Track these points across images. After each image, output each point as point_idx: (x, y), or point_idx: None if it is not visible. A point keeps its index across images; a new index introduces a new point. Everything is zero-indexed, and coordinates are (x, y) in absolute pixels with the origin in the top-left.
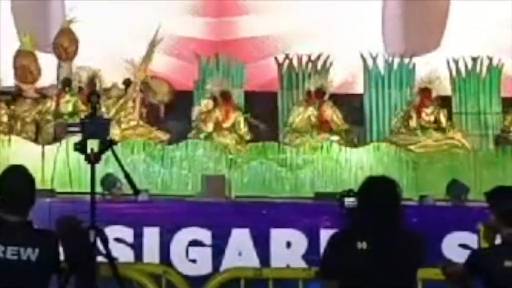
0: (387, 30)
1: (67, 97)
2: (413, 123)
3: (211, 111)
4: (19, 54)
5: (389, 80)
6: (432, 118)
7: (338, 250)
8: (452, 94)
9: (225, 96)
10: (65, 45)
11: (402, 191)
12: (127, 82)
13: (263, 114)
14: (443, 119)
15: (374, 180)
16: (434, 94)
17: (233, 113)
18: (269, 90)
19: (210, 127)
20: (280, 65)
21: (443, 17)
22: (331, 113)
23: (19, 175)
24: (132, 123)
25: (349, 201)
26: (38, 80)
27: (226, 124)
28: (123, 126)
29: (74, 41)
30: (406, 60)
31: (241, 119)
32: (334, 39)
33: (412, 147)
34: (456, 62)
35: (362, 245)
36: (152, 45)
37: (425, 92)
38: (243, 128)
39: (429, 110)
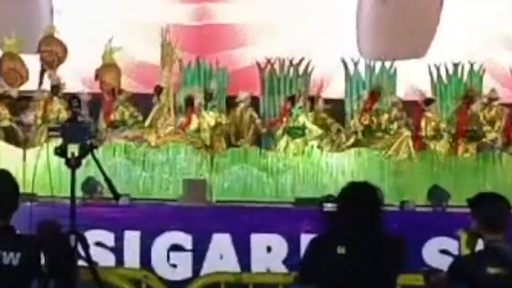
0: (361, 33)
1: (56, 104)
2: (351, 125)
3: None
4: (4, 57)
5: (370, 85)
6: (374, 120)
7: (317, 255)
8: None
9: (190, 102)
10: (59, 54)
11: (384, 196)
12: (159, 89)
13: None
14: (384, 122)
15: (356, 186)
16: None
17: (196, 119)
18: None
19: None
20: (261, 70)
21: (430, 23)
22: (302, 119)
23: (2, 179)
24: (169, 128)
25: (329, 206)
26: (26, 82)
27: (188, 129)
28: (160, 132)
29: (65, 48)
30: (388, 65)
31: (206, 125)
32: (316, 45)
33: None
34: (437, 67)
35: (342, 250)
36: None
37: (371, 95)
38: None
39: (368, 114)
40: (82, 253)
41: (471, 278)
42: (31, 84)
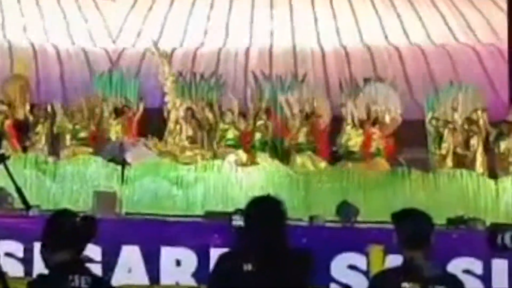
0: None
1: None
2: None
3: None
4: None
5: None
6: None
7: (225, 272)
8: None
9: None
10: None
11: (287, 210)
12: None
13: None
14: None
15: (259, 200)
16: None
17: None
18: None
19: None
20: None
21: None
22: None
23: None
24: (181, 144)
25: (237, 220)
26: None
27: None
28: (169, 147)
29: None
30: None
31: None
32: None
33: None
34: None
35: (248, 267)
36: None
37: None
38: None
39: None
40: None
41: None
42: None
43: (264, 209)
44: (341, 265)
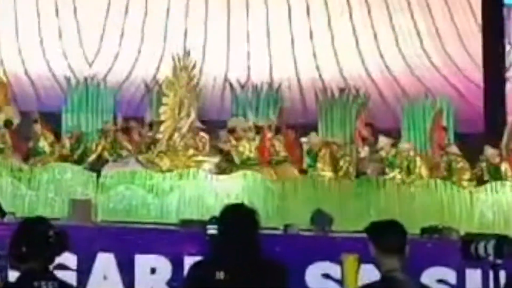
0: None
1: None
2: None
3: None
4: None
5: (257, 108)
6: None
7: (197, 280)
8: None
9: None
10: None
11: (262, 219)
12: None
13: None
14: None
15: (232, 208)
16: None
17: None
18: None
19: None
20: (149, 91)
21: None
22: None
23: None
24: (181, 151)
25: (212, 228)
26: None
27: None
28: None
29: None
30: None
31: None
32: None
33: None
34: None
35: (220, 275)
36: None
37: None
38: None
39: None
40: None
41: None
42: None
43: (237, 217)
44: (315, 274)
